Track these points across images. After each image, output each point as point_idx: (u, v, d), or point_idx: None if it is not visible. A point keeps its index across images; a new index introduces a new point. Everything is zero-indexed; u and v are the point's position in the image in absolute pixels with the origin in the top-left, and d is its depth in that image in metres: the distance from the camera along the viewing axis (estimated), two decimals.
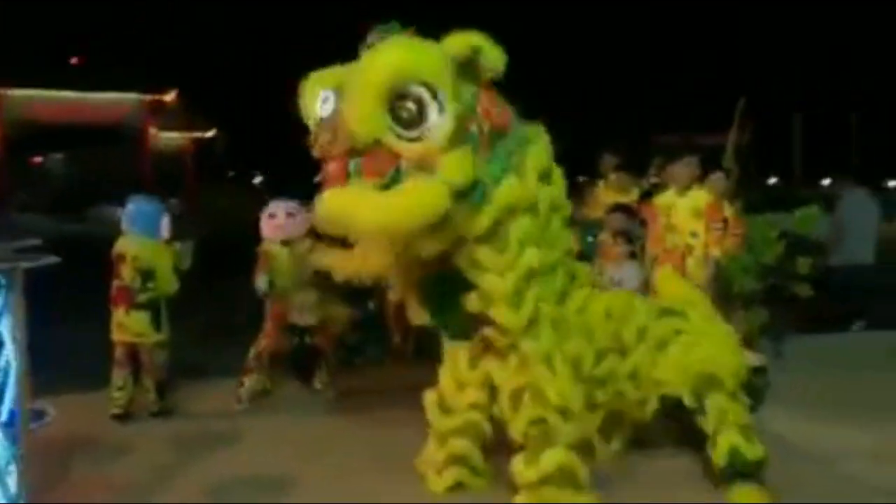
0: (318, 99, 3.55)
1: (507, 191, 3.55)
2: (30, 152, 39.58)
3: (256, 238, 6.33)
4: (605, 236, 7.01)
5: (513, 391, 3.99)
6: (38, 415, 5.59)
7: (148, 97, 40.09)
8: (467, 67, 3.46)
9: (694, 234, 5.41)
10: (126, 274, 5.64)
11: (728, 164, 8.14)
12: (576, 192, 9.74)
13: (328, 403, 6.22)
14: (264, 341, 6.20)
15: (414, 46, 3.34)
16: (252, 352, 6.17)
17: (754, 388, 5.77)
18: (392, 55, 3.28)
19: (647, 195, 7.06)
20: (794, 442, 5.24)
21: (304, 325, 6.20)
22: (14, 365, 2.66)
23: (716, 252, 5.43)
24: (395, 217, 3.24)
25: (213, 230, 16.43)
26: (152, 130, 40.48)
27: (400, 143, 3.30)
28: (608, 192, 7.73)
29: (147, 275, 5.66)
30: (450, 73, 3.34)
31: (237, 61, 50.50)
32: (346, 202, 3.28)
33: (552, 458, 3.82)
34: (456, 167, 3.34)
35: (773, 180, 31.22)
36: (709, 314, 4.71)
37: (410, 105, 3.29)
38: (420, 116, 3.29)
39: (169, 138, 40.96)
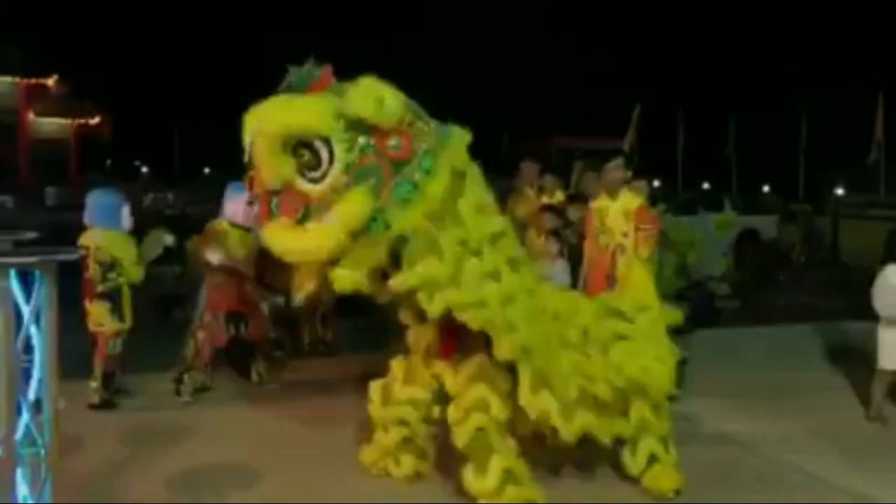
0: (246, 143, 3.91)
1: (407, 219, 3.82)
2: None
3: (144, 228, 6.31)
4: (532, 236, 7.38)
5: (462, 403, 4.18)
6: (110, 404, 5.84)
7: (26, 81, 38.26)
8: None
9: (625, 235, 5.75)
10: (91, 265, 5.67)
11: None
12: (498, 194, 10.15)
13: (272, 395, 6.28)
14: (202, 334, 6.13)
15: (296, 104, 3.74)
16: (191, 346, 6.11)
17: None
18: (278, 114, 3.73)
19: (573, 198, 7.41)
20: (711, 428, 5.71)
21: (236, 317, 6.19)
22: (42, 355, 2.72)
23: (644, 252, 5.78)
24: (301, 252, 3.78)
25: None
26: (30, 116, 38.66)
27: (305, 185, 3.73)
28: (530, 195, 8.07)
29: (109, 265, 5.67)
30: (339, 123, 3.72)
31: (125, 47, 48.71)
32: (272, 237, 3.82)
33: (498, 464, 4.10)
34: (348, 209, 3.71)
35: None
36: (657, 324, 4.87)
37: (307, 153, 3.72)
38: (317, 161, 3.72)
39: (50, 124, 39.17)
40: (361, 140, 3.76)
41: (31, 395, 2.75)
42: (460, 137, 4.04)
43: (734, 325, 8.82)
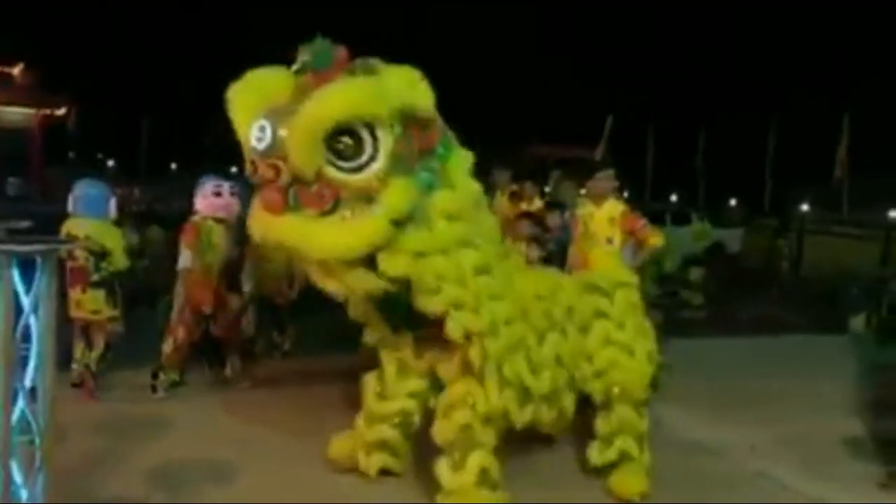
0: (251, 127, 3.59)
1: (442, 202, 3.78)
2: None
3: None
4: (509, 242, 7.47)
5: (450, 398, 4.17)
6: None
7: None
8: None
9: (609, 240, 5.89)
10: (79, 254, 5.71)
11: None
12: None
13: (247, 392, 6.30)
14: (182, 331, 6.06)
15: (354, 86, 3.52)
16: (169, 343, 6.06)
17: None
18: (336, 96, 3.45)
19: (550, 205, 7.53)
20: (681, 436, 5.84)
21: (208, 314, 6.13)
22: (40, 344, 2.74)
23: (657, 240, 5.87)
24: (341, 248, 3.52)
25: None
26: None
27: (339, 174, 3.51)
28: (507, 201, 8.17)
29: (101, 255, 5.75)
30: (386, 109, 3.54)
31: (93, 38, 48.10)
32: (292, 231, 3.54)
33: (476, 461, 4.07)
34: (398, 197, 3.58)
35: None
36: (634, 300, 4.95)
37: (348, 139, 3.48)
38: (358, 149, 3.50)
39: (13, 114, 38.43)
40: (397, 128, 3.63)
41: (28, 383, 2.77)
42: (454, 144, 4.02)
43: (702, 336, 8.99)
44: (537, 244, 6.89)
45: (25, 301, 2.75)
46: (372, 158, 3.53)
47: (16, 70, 38.07)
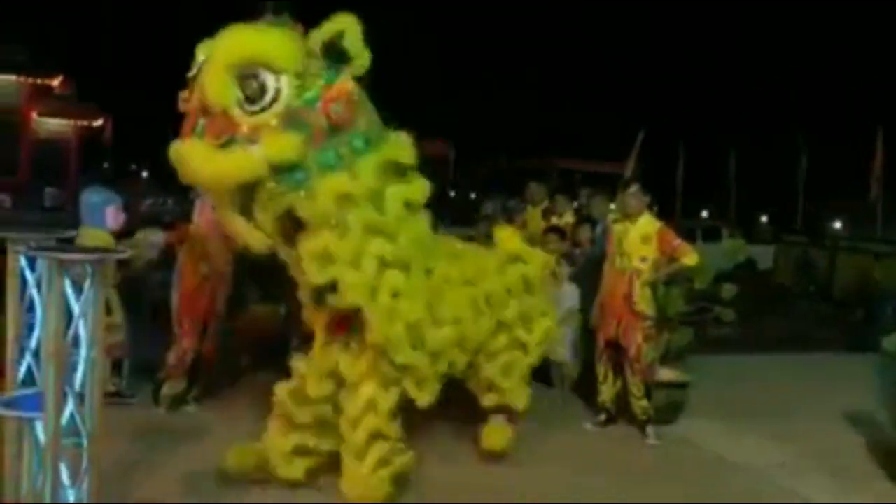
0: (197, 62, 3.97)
1: (333, 182, 3.91)
2: None
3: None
4: None
5: (354, 406, 4.31)
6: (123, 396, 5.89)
7: (30, 80, 38.31)
8: (331, 57, 3.88)
9: (643, 259, 5.88)
10: None
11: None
12: (505, 212, 10.30)
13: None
14: (186, 342, 5.84)
15: (265, 33, 3.80)
16: (172, 355, 5.82)
17: (674, 402, 6.41)
18: (242, 38, 3.77)
19: (581, 220, 7.57)
20: (711, 451, 5.85)
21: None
22: (88, 348, 2.84)
23: (692, 259, 5.89)
24: (216, 172, 3.74)
25: None
26: (33, 116, 38.68)
27: (241, 115, 3.73)
28: (538, 215, 8.23)
29: None
30: (298, 62, 3.78)
31: (131, 50, 48.91)
32: (183, 153, 3.76)
33: (379, 449, 4.29)
34: (275, 146, 3.75)
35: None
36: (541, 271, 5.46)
37: (254, 84, 3.71)
38: (261, 95, 3.72)
39: (52, 125, 39.18)
40: (309, 94, 3.84)
41: (77, 387, 2.87)
42: (401, 137, 4.22)
43: (733, 353, 8.97)
44: (566, 260, 6.96)
45: (75, 308, 2.85)
46: (270, 104, 3.75)
47: (55, 81, 38.87)
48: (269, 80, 3.73)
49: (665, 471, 5.41)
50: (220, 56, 3.73)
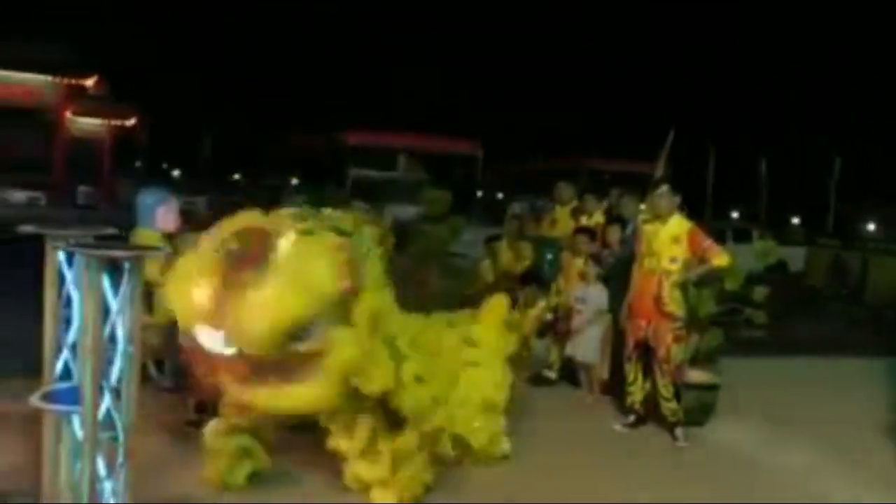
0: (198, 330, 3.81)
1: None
2: None
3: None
4: (568, 257, 7.52)
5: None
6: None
7: (66, 80, 38.90)
8: None
9: (673, 260, 5.85)
10: None
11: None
12: (533, 212, 10.28)
13: None
14: None
15: (295, 295, 3.64)
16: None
17: (703, 404, 6.37)
18: (281, 306, 3.58)
19: (615, 220, 7.53)
20: (741, 454, 5.81)
21: None
22: (125, 344, 2.89)
23: (723, 260, 5.86)
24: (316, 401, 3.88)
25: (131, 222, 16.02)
26: (68, 115, 39.26)
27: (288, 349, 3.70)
28: (567, 215, 8.21)
29: None
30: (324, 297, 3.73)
31: (166, 54, 49.49)
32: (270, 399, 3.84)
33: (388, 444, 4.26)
34: (344, 350, 3.80)
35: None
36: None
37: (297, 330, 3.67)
38: (306, 333, 3.70)
39: (86, 124, 39.76)
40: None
41: (113, 382, 2.92)
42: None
43: (764, 356, 8.90)
44: (595, 261, 6.94)
45: (113, 304, 2.90)
46: (313, 335, 3.72)
47: (90, 81, 39.45)
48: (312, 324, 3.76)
49: (696, 473, 5.37)
50: (262, 324, 3.58)
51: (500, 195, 34.24)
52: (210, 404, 5.77)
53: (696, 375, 6.32)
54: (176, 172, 51.66)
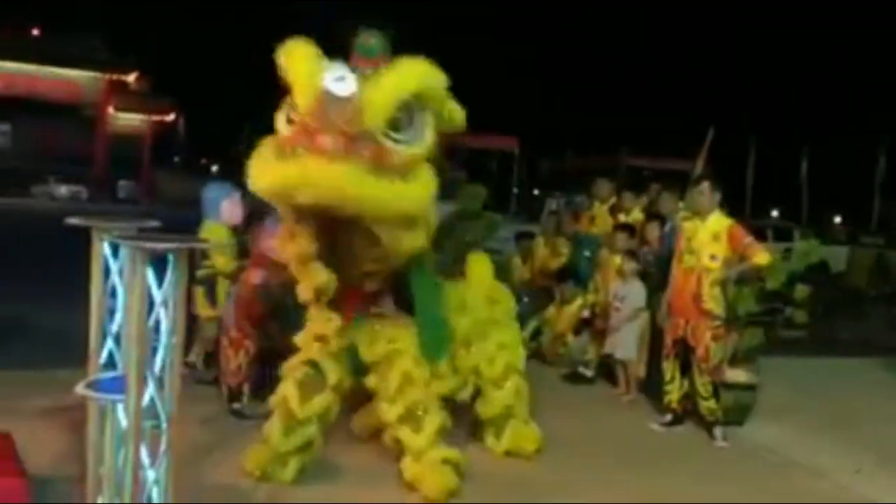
0: (323, 70, 3.72)
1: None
2: None
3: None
4: (606, 253, 7.48)
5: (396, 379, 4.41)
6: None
7: (108, 76, 39.57)
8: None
9: (713, 258, 5.78)
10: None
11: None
12: (569, 208, 10.23)
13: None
14: (248, 343, 5.71)
15: (428, 67, 3.87)
16: (242, 357, 5.70)
17: (742, 404, 6.30)
18: (417, 69, 3.83)
19: (654, 217, 7.47)
20: (781, 455, 5.73)
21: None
22: (168, 334, 2.94)
23: (763, 259, 5.80)
24: (381, 200, 3.68)
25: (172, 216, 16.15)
26: (110, 110, 39.94)
27: (388, 142, 3.74)
28: (607, 213, 8.16)
29: (203, 253, 5.96)
30: (441, 93, 3.97)
31: (206, 49, 50.03)
32: (327, 175, 3.54)
33: (433, 421, 4.41)
34: (429, 185, 3.91)
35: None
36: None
37: (402, 114, 3.77)
38: (409, 125, 3.81)
39: (127, 119, 40.44)
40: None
41: (157, 371, 2.96)
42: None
43: (805, 355, 8.78)
44: (633, 257, 6.90)
45: (157, 295, 2.94)
46: (416, 137, 3.84)
47: (131, 77, 40.12)
48: (418, 114, 3.84)
49: (733, 473, 5.31)
50: (392, 87, 3.74)
51: (536, 191, 34.15)
52: (242, 389, 5.86)
53: (735, 375, 6.24)
54: (215, 167, 52.11)
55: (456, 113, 4.17)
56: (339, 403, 4.65)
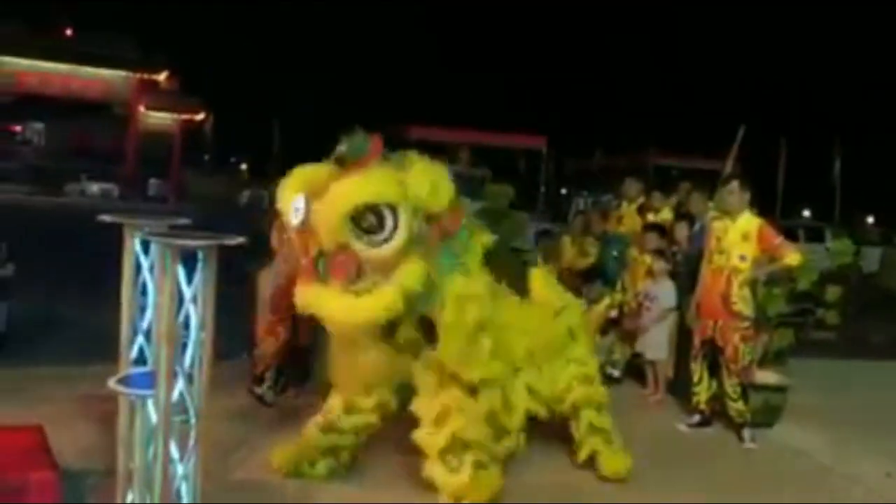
0: (291, 204, 4.02)
1: (455, 285, 4.13)
2: (11, 120, 39.42)
3: (243, 222, 6.35)
4: (635, 253, 7.43)
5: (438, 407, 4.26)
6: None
7: (139, 75, 40.00)
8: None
9: (742, 258, 5.73)
10: None
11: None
12: (596, 208, 10.21)
13: None
14: (282, 332, 5.88)
15: (377, 177, 3.91)
16: (271, 343, 5.91)
17: (772, 406, 6.23)
18: (353, 188, 3.86)
19: (680, 216, 7.42)
20: (811, 457, 5.67)
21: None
22: (197, 332, 2.97)
23: (795, 259, 5.73)
24: (356, 318, 3.88)
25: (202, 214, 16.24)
26: (141, 109, 40.36)
27: (362, 247, 3.85)
28: (636, 213, 8.11)
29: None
30: (404, 198, 3.90)
31: (235, 48, 50.40)
32: (317, 299, 3.93)
33: (470, 459, 4.22)
34: (411, 274, 3.90)
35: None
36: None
37: (372, 217, 3.84)
38: (380, 226, 3.84)
39: (158, 118, 40.84)
40: (419, 215, 3.99)
41: (187, 367, 3.00)
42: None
43: (837, 357, 8.67)
44: (662, 257, 6.85)
45: (186, 292, 2.98)
46: (391, 235, 3.86)
47: (161, 76, 40.53)
48: (387, 213, 3.86)
49: (762, 476, 5.27)
50: (335, 206, 3.82)
51: (563, 190, 34.04)
52: (265, 375, 5.97)
53: (765, 376, 6.19)
54: (244, 166, 52.57)
55: (442, 193, 4.11)
56: (380, 422, 4.62)
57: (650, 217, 7.76)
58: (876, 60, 46.42)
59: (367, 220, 3.83)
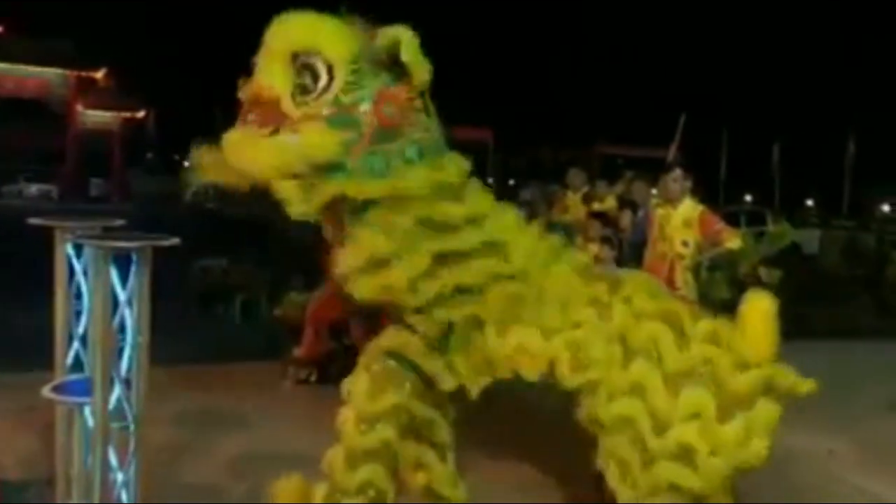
0: None
1: (371, 188, 3.48)
2: None
3: (197, 221, 6.47)
4: (581, 241, 7.48)
5: None
6: None
7: (76, 73, 39.09)
8: (390, 61, 3.50)
9: (685, 244, 5.81)
10: None
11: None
12: (543, 198, 10.28)
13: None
14: (315, 339, 6.42)
15: (323, 20, 3.47)
16: (303, 349, 6.42)
17: None
18: (300, 24, 3.45)
19: (627, 205, 7.49)
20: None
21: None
22: (134, 335, 2.90)
23: (736, 242, 5.80)
24: (252, 160, 3.40)
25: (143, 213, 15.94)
26: (79, 108, 39.46)
27: (291, 107, 3.41)
28: (580, 202, 8.19)
29: None
30: (354, 55, 3.44)
31: (175, 44, 49.57)
32: (228, 143, 3.45)
33: None
34: (314, 139, 3.40)
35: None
36: None
37: (308, 75, 3.43)
38: (313, 86, 3.41)
39: (97, 117, 39.96)
40: (363, 91, 3.46)
41: (123, 372, 2.93)
42: (456, 158, 3.70)
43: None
44: (609, 244, 6.91)
45: (121, 295, 2.91)
46: (320, 95, 3.42)
47: (99, 74, 39.65)
48: (322, 70, 3.41)
49: None
50: (275, 42, 3.42)
51: (511, 182, 34.22)
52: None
53: None
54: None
55: (411, 64, 3.50)
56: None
57: (595, 206, 7.83)
58: (814, 47, 47.58)
59: (303, 77, 3.40)
